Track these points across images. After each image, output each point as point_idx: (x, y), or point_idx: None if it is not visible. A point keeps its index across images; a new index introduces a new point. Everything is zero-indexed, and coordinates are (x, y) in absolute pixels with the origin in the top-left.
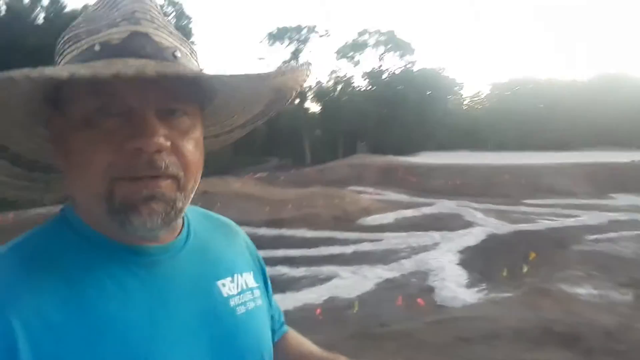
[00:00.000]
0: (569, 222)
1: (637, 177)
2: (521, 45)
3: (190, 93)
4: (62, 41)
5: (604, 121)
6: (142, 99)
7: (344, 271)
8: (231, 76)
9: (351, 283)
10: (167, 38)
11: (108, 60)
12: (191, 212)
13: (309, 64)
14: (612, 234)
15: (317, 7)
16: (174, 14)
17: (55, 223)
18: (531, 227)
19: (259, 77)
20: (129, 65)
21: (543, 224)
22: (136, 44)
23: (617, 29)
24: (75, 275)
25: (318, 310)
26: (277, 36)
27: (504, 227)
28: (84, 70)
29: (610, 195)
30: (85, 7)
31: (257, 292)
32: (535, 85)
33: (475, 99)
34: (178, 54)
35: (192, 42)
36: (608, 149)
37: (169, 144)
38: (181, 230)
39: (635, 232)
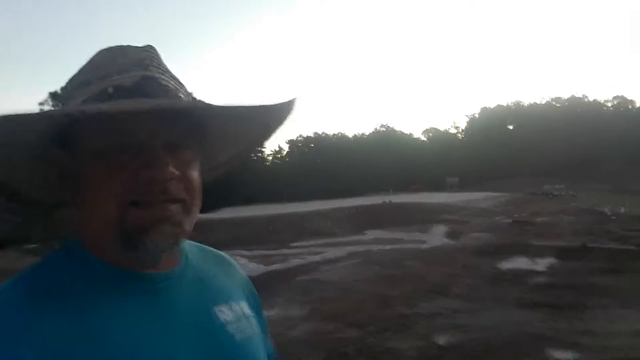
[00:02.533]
0: (314, 258)
1: (386, 214)
2: (316, 104)
3: (191, 128)
4: (69, 87)
5: (380, 170)
6: (152, 134)
7: None
8: (225, 107)
9: None
10: (170, 81)
11: (122, 101)
12: (186, 244)
13: (295, 99)
14: (341, 263)
15: None
16: None
17: (60, 255)
18: (282, 266)
19: (262, 108)
20: (140, 102)
21: (292, 263)
22: (146, 87)
23: (388, 90)
24: (83, 304)
25: None
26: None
27: (258, 269)
28: (106, 107)
29: (364, 232)
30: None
31: (253, 321)
32: (327, 141)
33: (277, 155)
34: (181, 95)
35: None
36: (384, 193)
37: (178, 172)
38: (179, 259)
39: (358, 260)
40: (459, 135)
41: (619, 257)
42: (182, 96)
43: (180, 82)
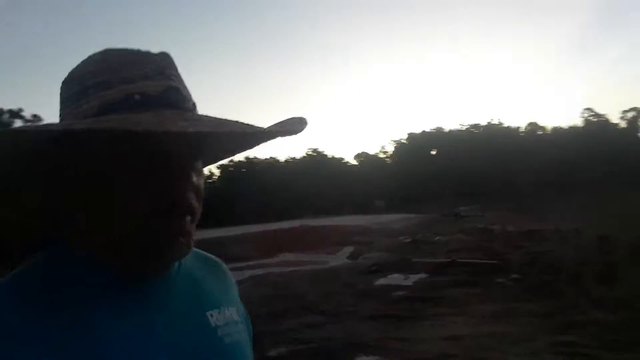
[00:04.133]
0: None
1: (303, 237)
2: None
3: (209, 140)
4: (78, 85)
5: (311, 194)
6: (179, 146)
7: None
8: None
9: None
10: (187, 90)
11: (155, 112)
12: None
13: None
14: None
15: (24, 89)
16: None
17: (51, 256)
18: None
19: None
20: (188, 122)
21: None
22: (171, 97)
23: (323, 114)
24: (75, 304)
25: None
26: None
27: None
28: (165, 126)
29: (277, 255)
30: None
31: (241, 327)
32: (259, 165)
33: (209, 180)
34: (195, 104)
35: None
36: (316, 216)
37: (196, 183)
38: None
39: (251, 283)
40: (387, 159)
41: (480, 271)
42: (193, 105)
43: (188, 90)
